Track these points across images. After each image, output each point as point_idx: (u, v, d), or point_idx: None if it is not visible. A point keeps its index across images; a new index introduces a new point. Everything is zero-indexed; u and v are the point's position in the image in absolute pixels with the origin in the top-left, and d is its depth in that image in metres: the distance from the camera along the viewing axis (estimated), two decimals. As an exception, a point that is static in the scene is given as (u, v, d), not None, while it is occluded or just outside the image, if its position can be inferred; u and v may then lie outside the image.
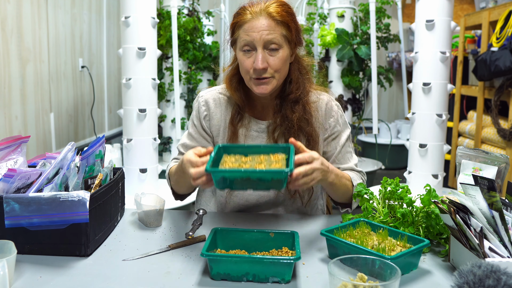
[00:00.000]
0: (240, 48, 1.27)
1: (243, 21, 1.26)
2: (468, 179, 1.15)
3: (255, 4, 1.27)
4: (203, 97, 1.41)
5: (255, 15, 1.24)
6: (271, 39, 1.23)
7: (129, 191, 2.17)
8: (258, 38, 1.23)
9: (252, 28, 1.23)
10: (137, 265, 1.01)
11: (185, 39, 4.09)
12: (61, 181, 1.08)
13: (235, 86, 1.35)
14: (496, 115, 3.17)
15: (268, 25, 1.23)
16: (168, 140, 4.18)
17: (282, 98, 1.34)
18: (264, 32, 1.22)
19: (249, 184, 1.03)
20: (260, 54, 1.23)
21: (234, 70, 1.37)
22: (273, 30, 1.23)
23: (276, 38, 1.23)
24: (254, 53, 1.25)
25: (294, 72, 1.34)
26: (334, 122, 1.38)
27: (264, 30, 1.23)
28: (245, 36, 1.24)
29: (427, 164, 2.78)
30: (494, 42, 3.13)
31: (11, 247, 0.92)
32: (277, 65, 1.25)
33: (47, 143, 3.57)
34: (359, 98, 4.27)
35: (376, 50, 3.62)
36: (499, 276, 0.75)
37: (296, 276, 0.96)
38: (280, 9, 1.25)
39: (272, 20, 1.24)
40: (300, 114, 1.31)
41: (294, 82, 1.33)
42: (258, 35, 1.23)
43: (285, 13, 1.26)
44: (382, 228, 1.08)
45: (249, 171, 1.02)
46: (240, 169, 1.04)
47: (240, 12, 1.28)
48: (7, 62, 2.96)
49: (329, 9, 4.18)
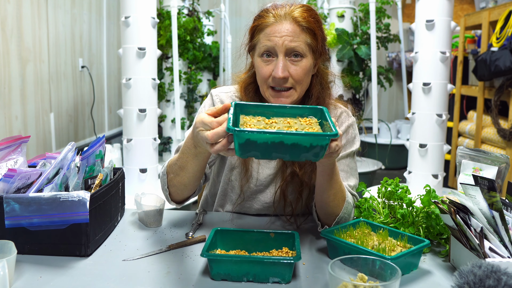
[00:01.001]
0: (259, 54, 1.17)
1: (265, 25, 1.16)
2: (468, 179, 1.15)
3: (279, 7, 1.17)
4: (218, 95, 1.31)
5: (279, 19, 1.15)
6: (294, 46, 1.13)
7: (129, 191, 2.17)
8: (281, 44, 1.13)
9: (275, 32, 1.14)
10: (137, 265, 1.01)
11: (185, 39, 4.09)
12: (61, 181, 1.08)
13: (251, 96, 1.26)
14: (496, 115, 3.17)
15: (293, 30, 1.13)
16: (168, 140, 4.18)
17: None
18: (287, 38, 1.13)
19: (280, 150, 0.85)
20: (282, 62, 1.14)
21: (251, 78, 1.27)
22: (297, 37, 1.14)
23: (300, 46, 1.14)
24: (274, 60, 1.15)
25: (315, 86, 1.23)
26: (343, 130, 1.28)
27: (288, 35, 1.13)
28: (266, 41, 1.15)
29: (427, 164, 2.78)
30: (494, 42, 3.13)
31: (11, 247, 0.92)
32: (299, 75, 1.15)
33: (47, 143, 3.57)
34: (359, 98, 4.27)
35: (376, 50, 3.62)
36: (500, 276, 0.75)
37: (296, 276, 0.96)
38: (307, 14, 1.16)
39: (298, 26, 1.14)
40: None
41: (315, 97, 1.22)
42: (281, 41, 1.13)
43: (312, 19, 1.16)
44: (382, 229, 1.08)
45: (285, 133, 0.83)
46: (273, 131, 0.84)
47: (262, 15, 1.19)
48: (7, 62, 2.96)
49: (329, 9, 4.18)
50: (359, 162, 4.32)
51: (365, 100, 4.40)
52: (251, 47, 1.23)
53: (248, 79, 1.28)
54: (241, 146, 0.84)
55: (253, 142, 0.84)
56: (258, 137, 0.83)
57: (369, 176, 4.11)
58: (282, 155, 0.86)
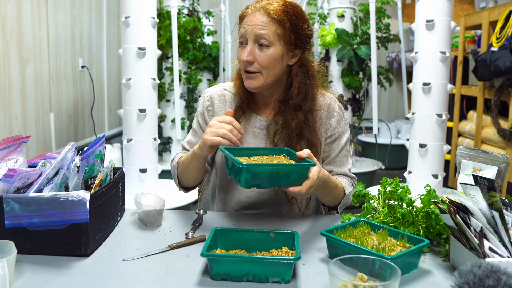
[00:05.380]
0: (238, 40, 1.31)
1: (243, 15, 1.30)
2: (468, 179, 1.15)
3: (259, 1, 1.29)
4: (208, 93, 1.44)
5: (254, 10, 1.27)
6: (262, 34, 1.24)
7: (129, 191, 2.16)
8: (250, 31, 1.25)
9: (248, 21, 1.27)
10: (137, 265, 1.01)
11: (185, 39, 4.09)
12: (61, 181, 1.08)
13: (240, 80, 1.38)
14: (496, 115, 3.17)
15: (262, 20, 1.25)
16: (168, 140, 4.18)
17: (283, 102, 1.33)
18: (256, 26, 1.25)
19: (275, 181, 1.06)
20: (249, 47, 1.26)
21: None
22: (266, 26, 1.24)
23: (267, 34, 1.24)
24: (246, 46, 1.28)
25: (296, 76, 1.32)
26: (335, 123, 1.38)
27: (257, 24, 1.25)
28: (241, 29, 1.29)
29: (427, 164, 2.78)
30: (494, 42, 3.13)
31: (11, 247, 0.92)
32: (264, 61, 1.26)
33: (47, 143, 3.57)
34: (359, 98, 4.27)
35: (376, 50, 3.62)
36: (499, 276, 0.75)
37: (296, 276, 0.96)
38: (280, 8, 1.26)
39: (268, 17, 1.25)
40: (300, 121, 1.30)
41: (295, 87, 1.32)
42: (251, 29, 1.25)
43: (283, 13, 1.25)
44: (382, 228, 1.08)
45: (281, 165, 1.06)
46: (274, 163, 1.08)
47: (246, 7, 1.32)
48: (7, 62, 2.96)
49: (329, 9, 4.18)
50: (359, 162, 4.32)
51: (365, 100, 4.40)
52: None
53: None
54: (247, 179, 1.04)
55: (257, 174, 1.04)
56: (262, 169, 1.04)
57: (369, 176, 4.11)
58: (277, 183, 1.07)
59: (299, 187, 1.07)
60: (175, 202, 2.92)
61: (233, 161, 1.06)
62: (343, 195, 1.32)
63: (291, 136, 1.31)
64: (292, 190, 1.07)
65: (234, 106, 1.39)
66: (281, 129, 1.33)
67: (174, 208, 2.83)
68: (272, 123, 1.36)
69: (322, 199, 1.33)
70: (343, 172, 1.39)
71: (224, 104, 1.40)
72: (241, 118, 1.37)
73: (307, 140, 1.31)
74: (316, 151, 1.32)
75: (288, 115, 1.31)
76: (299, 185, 1.07)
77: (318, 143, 1.34)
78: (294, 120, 1.30)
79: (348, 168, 1.41)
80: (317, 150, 1.33)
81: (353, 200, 1.31)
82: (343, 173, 1.39)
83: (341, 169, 1.39)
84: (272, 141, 1.34)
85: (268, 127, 1.37)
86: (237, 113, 1.37)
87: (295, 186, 1.07)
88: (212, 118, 1.38)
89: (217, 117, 1.22)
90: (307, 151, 1.13)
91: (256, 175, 1.03)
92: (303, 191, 1.08)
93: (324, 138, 1.38)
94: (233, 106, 1.39)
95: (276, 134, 1.34)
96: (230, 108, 1.39)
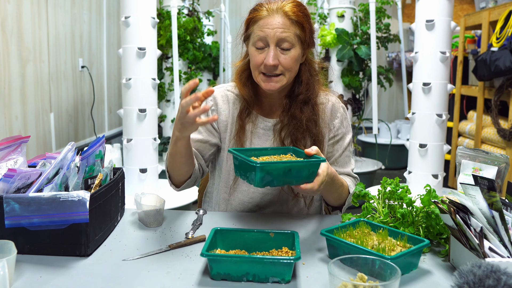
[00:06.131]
0: (253, 43, 1.28)
1: (258, 17, 1.28)
2: (468, 179, 1.15)
3: (272, 2, 1.29)
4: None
5: (271, 12, 1.26)
6: (284, 37, 1.24)
7: (129, 191, 2.17)
8: (272, 35, 1.24)
9: (267, 24, 1.25)
10: (137, 265, 1.01)
11: (185, 39, 4.09)
12: (61, 181, 1.08)
13: (244, 82, 1.37)
14: (496, 115, 3.17)
15: (283, 23, 1.25)
16: (168, 140, 4.18)
17: (291, 98, 1.35)
18: (278, 30, 1.24)
19: (288, 178, 1.06)
20: (272, 51, 1.25)
21: (245, 65, 1.39)
22: (287, 29, 1.25)
23: (289, 37, 1.25)
24: (266, 49, 1.26)
25: (304, 73, 1.35)
26: (338, 123, 1.40)
27: (279, 27, 1.24)
28: (259, 32, 1.26)
29: (427, 164, 2.78)
30: (494, 42, 3.13)
31: (11, 247, 0.92)
32: (288, 63, 1.26)
33: (47, 143, 3.57)
34: (359, 98, 4.27)
35: (376, 50, 3.62)
36: (499, 276, 0.75)
37: (296, 276, 0.96)
38: (296, 9, 1.27)
39: (288, 19, 1.25)
40: (309, 115, 1.33)
41: (304, 83, 1.34)
42: (272, 32, 1.24)
43: (301, 13, 1.27)
44: (382, 228, 1.08)
45: (293, 162, 1.08)
46: (285, 161, 1.08)
47: (256, 8, 1.30)
48: (7, 62, 2.96)
49: (329, 9, 4.18)
50: (359, 162, 4.32)
51: (365, 100, 4.39)
52: (246, 37, 1.34)
53: (243, 66, 1.40)
54: (261, 178, 1.03)
55: (271, 172, 1.04)
56: (274, 167, 1.04)
57: (369, 176, 4.11)
58: (289, 181, 1.07)
59: (311, 184, 1.08)
60: (175, 202, 2.92)
61: (246, 160, 1.05)
62: (347, 194, 1.33)
63: (298, 132, 1.32)
64: (305, 187, 1.07)
65: (237, 106, 1.40)
66: (288, 124, 1.34)
67: (174, 208, 2.82)
68: (277, 122, 1.37)
69: (328, 198, 1.33)
70: (347, 172, 1.40)
71: (228, 104, 1.40)
72: (246, 120, 1.37)
73: (313, 134, 1.34)
74: (320, 144, 1.35)
75: (296, 110, 1.33)
76: (310, 182, 1.07)
77: (322, 137, 1.36)
78: (304, 114, 1.32)
79: (351, 168, 1.42)
80: (321, 143, 1.35)
81: (353, 200, 1.31)
82: (346, 173, 1.40)
83: (344, 169, 1.40)
84: (279, 137, 1.35)
85: (274, 127, 1.38)
86: (242, 115, 1.37)
87: (306, 183, 1.07)
88: None
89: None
90: (315, 148, 1.13)
91: (269, 173, 1.04)
92: (315, 187, 1.08)
93: (328, 139, 1.39)
94: (237, 106, 1.40)
95: (282, 130, 1.35)
96: (233, 108, 1.40)
